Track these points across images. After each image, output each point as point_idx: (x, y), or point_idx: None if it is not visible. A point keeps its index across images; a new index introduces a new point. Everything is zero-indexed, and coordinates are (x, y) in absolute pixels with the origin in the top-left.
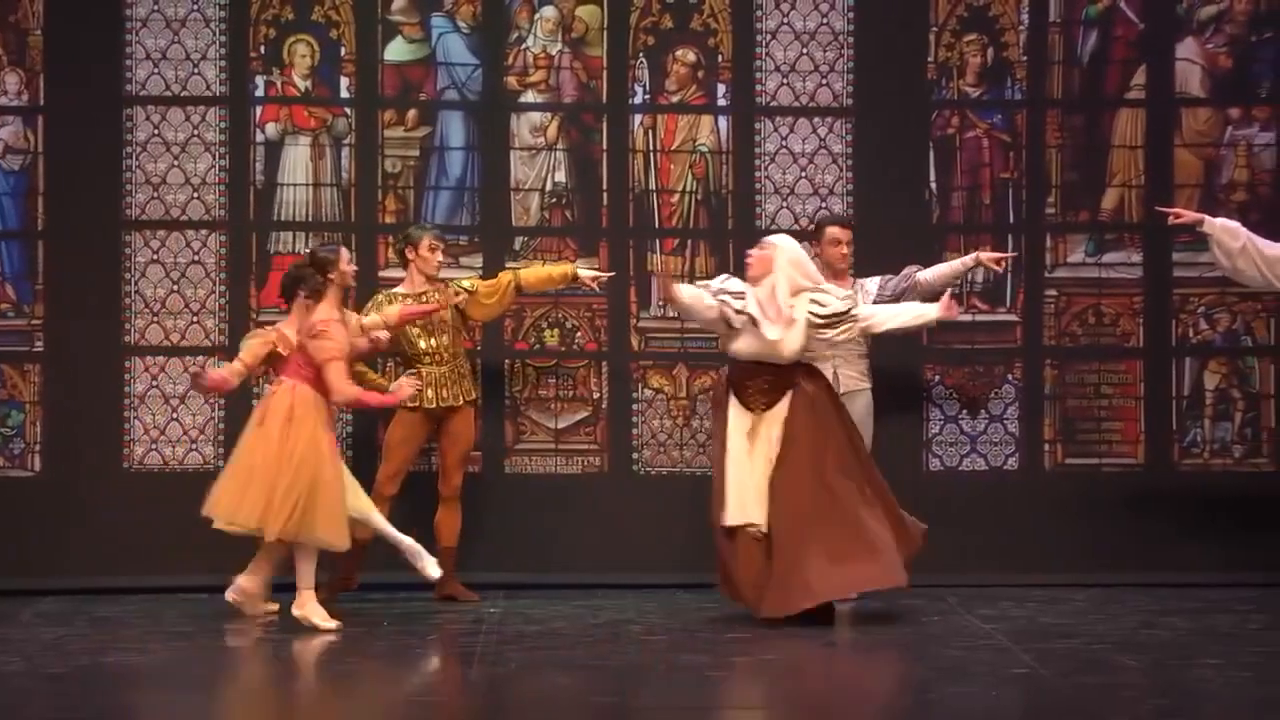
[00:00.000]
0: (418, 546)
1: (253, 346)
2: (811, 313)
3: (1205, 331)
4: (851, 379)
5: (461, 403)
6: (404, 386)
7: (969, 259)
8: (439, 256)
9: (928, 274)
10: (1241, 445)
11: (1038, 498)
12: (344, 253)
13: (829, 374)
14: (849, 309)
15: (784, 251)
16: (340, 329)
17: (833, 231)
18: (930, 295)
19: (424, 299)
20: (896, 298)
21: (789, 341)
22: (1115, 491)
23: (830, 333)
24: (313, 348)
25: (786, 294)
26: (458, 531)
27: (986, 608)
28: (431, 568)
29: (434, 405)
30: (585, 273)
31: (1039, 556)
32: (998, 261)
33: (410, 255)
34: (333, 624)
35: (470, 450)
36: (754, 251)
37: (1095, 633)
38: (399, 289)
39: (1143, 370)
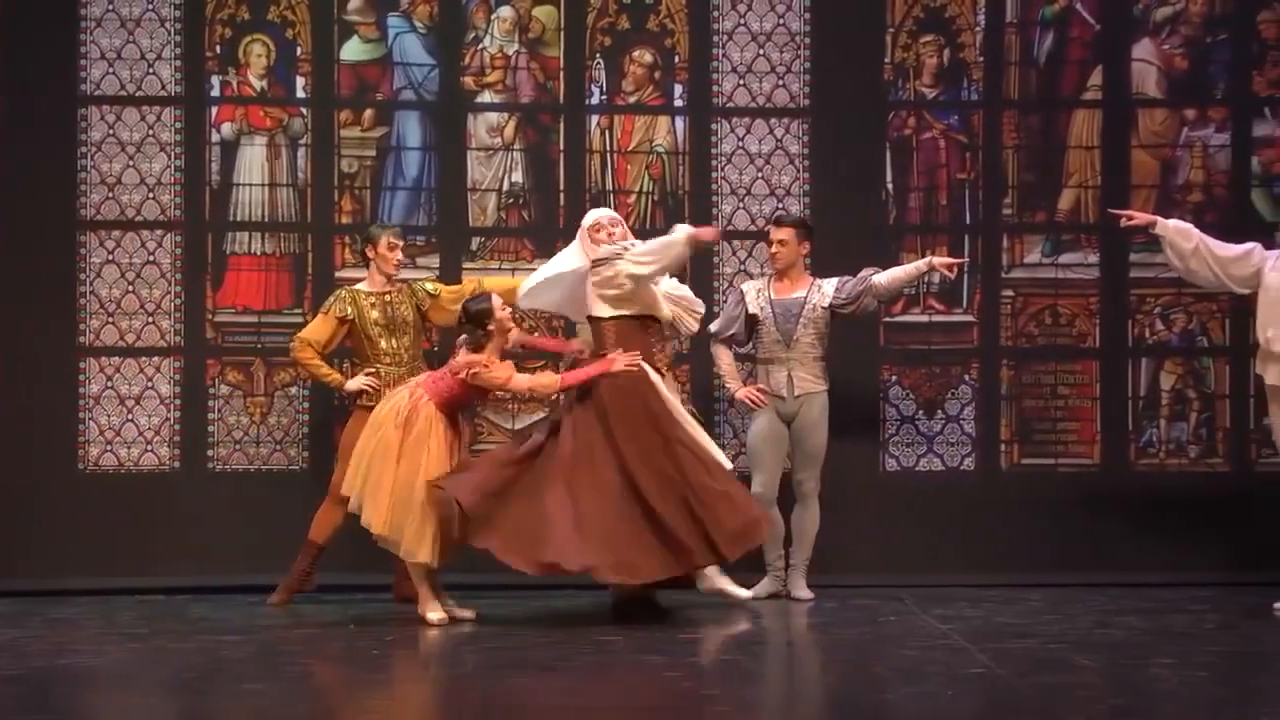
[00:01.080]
0: None
1: None
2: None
3: (1161, 332)
4: (807, 381)
5: None
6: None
7: (922, 263)
8: (398, 255)
9: (882, 277)
10: (1197, 445)
11: (994, 498)
12: (496, 300)
13: (783, 376)
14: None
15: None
16: (492, 361)
17: (770, 230)
18: (885, 298)
19: (386, 299)
20: (853, 300)
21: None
22: (1071, 491)
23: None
24: (482, 382)
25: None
26: None
27: (942, 608)
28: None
29: None
30: None
31: (995, 556)
32: (950, 267)
33: (370, 253)
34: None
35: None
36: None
37: (1051, 632)
38: (361, 286)
39: (1099, 370)
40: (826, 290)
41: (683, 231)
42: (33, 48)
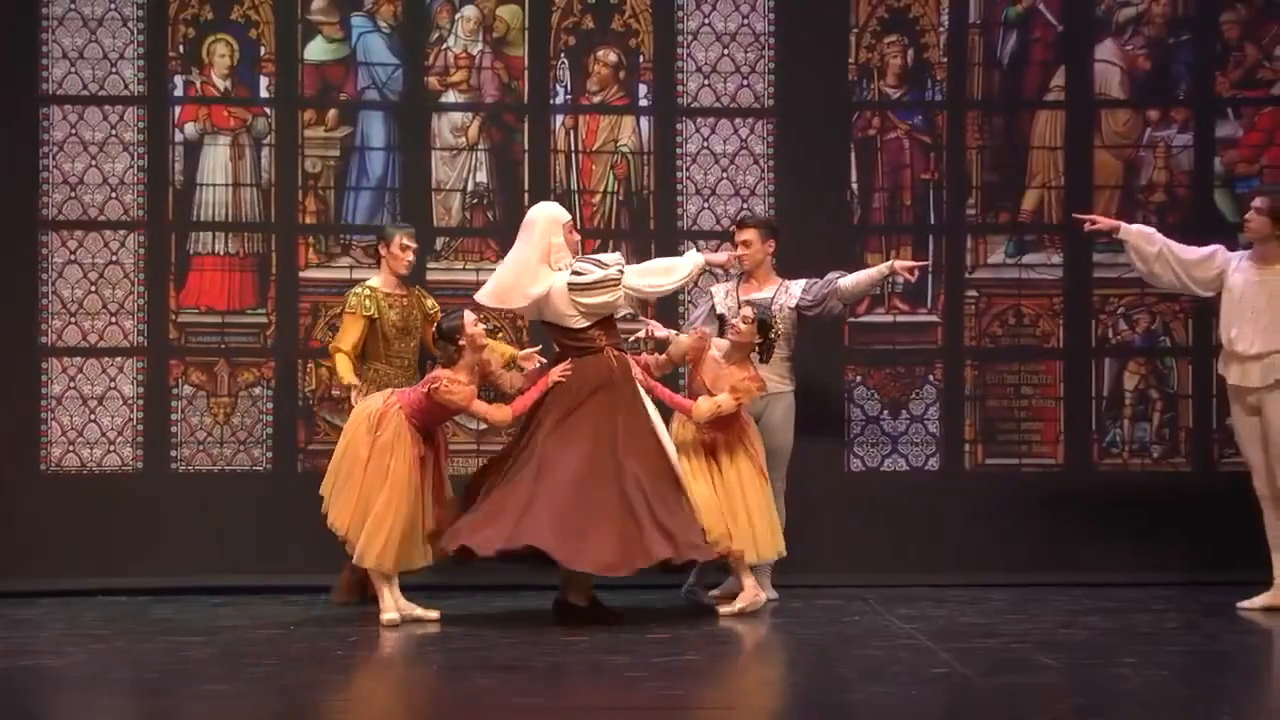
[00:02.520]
0: None
1: None
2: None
3: (1124, 332)
4: (773, 381)
5: None
6: (553, 371)
7: (884, 267)
8: (410, 256)
9: (848, 280)
10: (1160, 445)
11: (958, 498)
12: (468, 317)
13: None
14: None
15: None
16: (456, 382)
17: (735, 231)
18: (850, 301)
19: (403, 301)
20: (819, 302)
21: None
22: (1035, 492)
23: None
24: (442, 400)
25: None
26: None
27: (906, 607)
28: None
29: None
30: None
31: (959, 557)
32: (911, 270)
33: (383, 251)
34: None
35: None
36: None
37: (1015, 632)
38: (374, 283)
39: (1062, 371)
40: (794, 291)
41: (694, 259)
42: None
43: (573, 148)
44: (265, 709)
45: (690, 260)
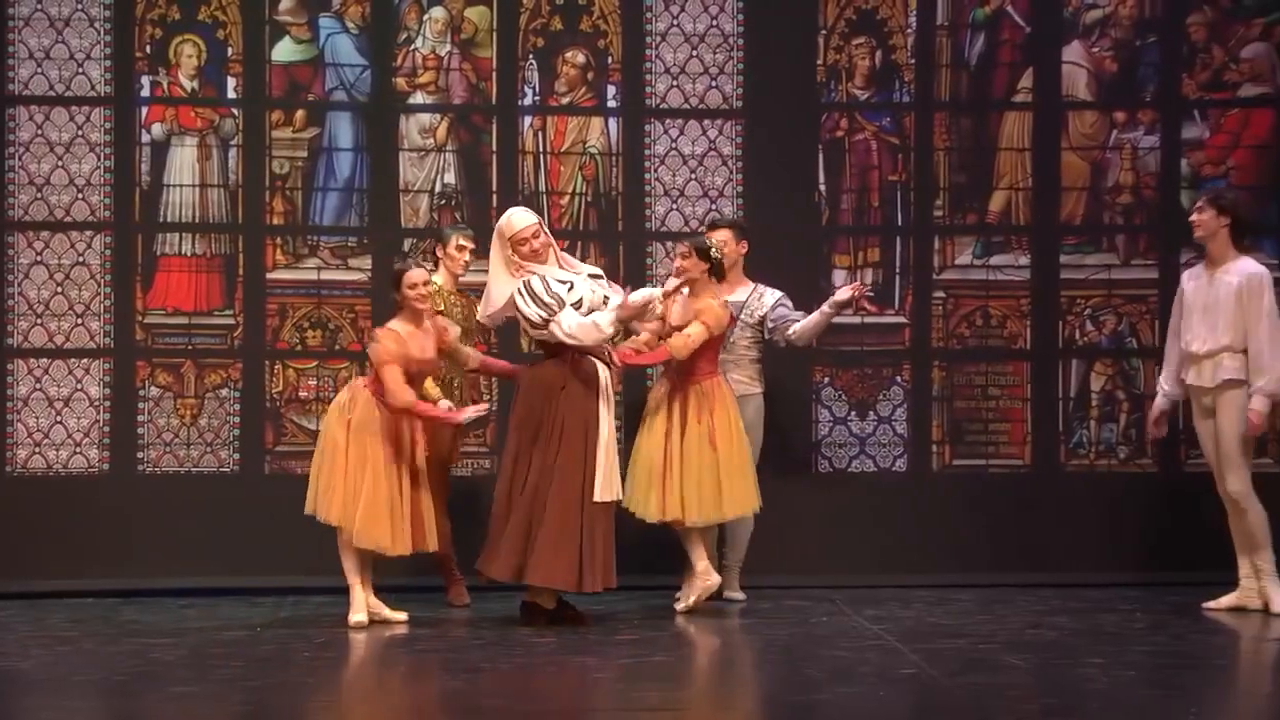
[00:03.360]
0: None
1: None
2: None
3: (1091, 333)
4: (742, 383)
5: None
6: (469, 410)
7: (826, 308)
8: (466, 256)
9: (796, 328)
10: (1126, 446)
11: (926, 499)
12: (416, 273)
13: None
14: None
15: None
16: (395, 336)
17: (706, 234)
18: (799, 345)
19: (459, 302)
20: (774, 329)
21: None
22: (1002, 492)
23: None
24: (370, 351)
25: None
26: (450, 536)
27: (874, 608)
28: None
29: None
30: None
31: (927, 557)
32: (852, 297)
33: (440, 254)
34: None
35: (456, 456)
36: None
37: (982, 633)
38: (437, 278)
39: (1030, 372)
40: (766, 301)
41: (611, 313)
42: None
43: (541, 149)
44: (233, 710)
45: (611, 311)
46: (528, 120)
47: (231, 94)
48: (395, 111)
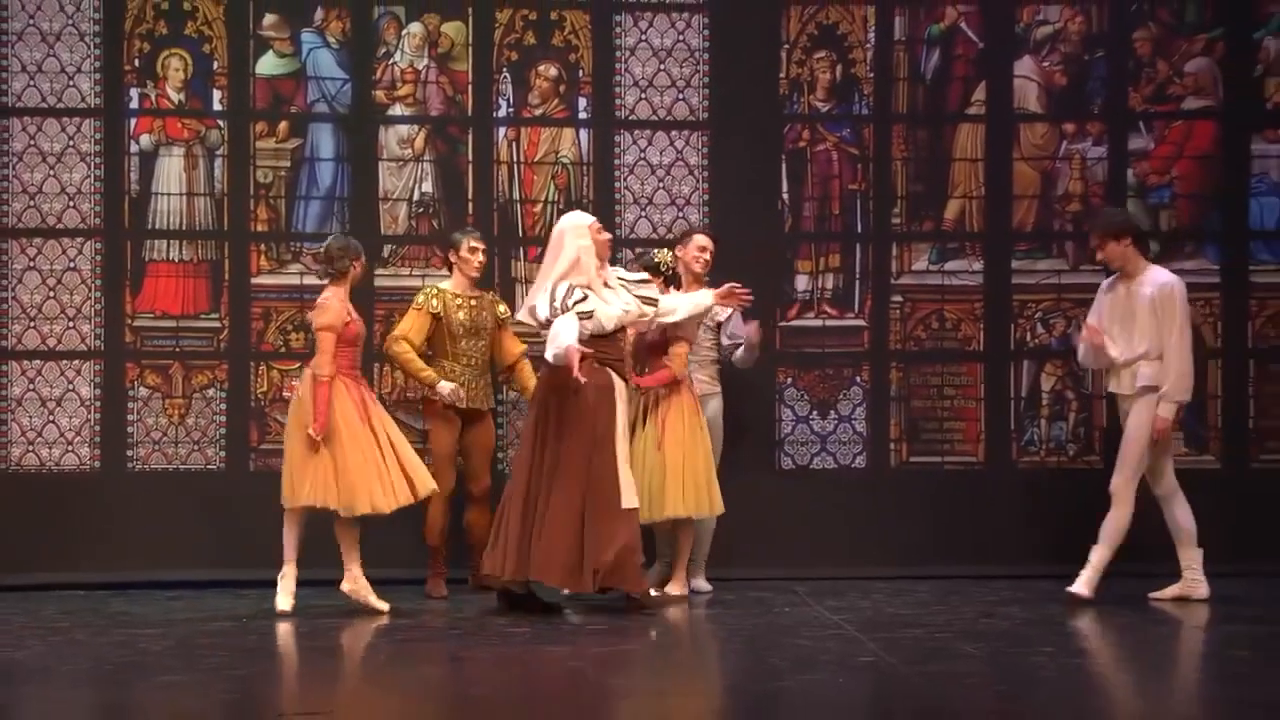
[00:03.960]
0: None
1: None
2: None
3: (1042, 335)
4: (703, 383)
5: (485, 408)
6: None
7: (743, 353)
8: (480, 258)
9: (739, 354)
10: (1075, 444)
11: (884, 494)
12: (351, 242)
13: None
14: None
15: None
16: (338, 304)
17: (698, 239)
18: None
19: (472, 303)
20: (727, 343)
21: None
22: (957, 488)
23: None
24: (313, 321)
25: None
26: (445, 530)
27: (835, 599)
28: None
29: (464, 405)
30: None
31: (885, 550)
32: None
33: (453, 257)
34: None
35: (494, 451)
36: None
37: (938, 622)
38: (446, 286)
39: (983, 373)
40: (725, 309)
41: (563, 346)
42: None
43: (515, 158)
44: (218, 698)
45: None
46: (502, 131)
47: (217, 106)
48: (375, 123)
